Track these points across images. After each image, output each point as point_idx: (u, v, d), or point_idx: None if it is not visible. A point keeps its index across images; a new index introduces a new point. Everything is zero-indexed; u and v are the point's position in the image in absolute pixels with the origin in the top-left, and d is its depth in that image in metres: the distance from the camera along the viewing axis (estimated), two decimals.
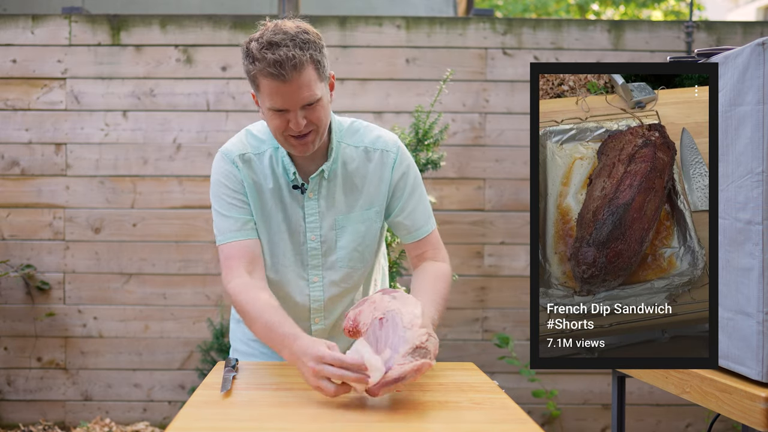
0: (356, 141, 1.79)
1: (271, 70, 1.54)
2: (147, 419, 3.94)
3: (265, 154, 1.76)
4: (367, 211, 1.77)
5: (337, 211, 1.76)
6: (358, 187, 1.77)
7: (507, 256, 3.98)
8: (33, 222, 3.94)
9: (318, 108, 1.62)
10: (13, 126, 3.95)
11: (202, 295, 3.95)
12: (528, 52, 4.01)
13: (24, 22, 3.97)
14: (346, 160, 1.77)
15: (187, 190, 3.96)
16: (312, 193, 1.74)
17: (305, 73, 1.57)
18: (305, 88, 1.58)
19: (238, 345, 1.93)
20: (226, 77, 3.98)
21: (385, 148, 1.78)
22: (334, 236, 1.76)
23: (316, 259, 1.77)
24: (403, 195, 1.80)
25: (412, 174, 1.82)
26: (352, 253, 1.78)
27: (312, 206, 1.75)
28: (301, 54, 1.55)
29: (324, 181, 1.75)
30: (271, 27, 1.60)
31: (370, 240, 1.80)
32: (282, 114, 1.61)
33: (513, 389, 3.85)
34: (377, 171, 1.77)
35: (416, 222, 1.82)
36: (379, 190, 1.78)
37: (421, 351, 1.35)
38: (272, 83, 1.56)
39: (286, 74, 1.54)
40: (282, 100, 1.58)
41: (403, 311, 1.43)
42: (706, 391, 1.61)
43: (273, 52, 1.54)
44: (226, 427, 1.25)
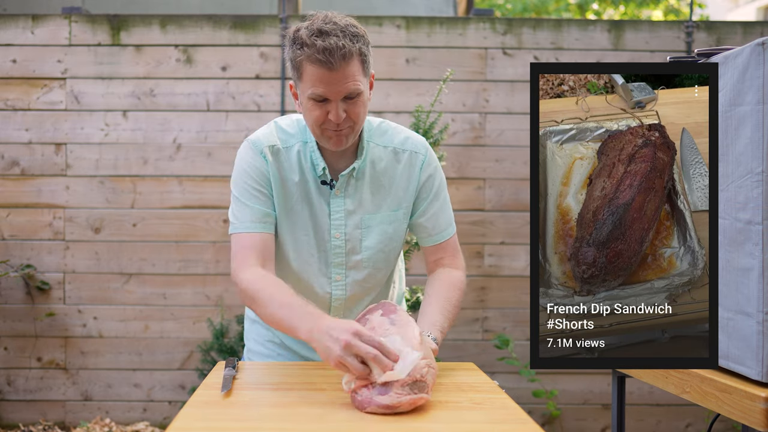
0: (385, 141, 1.78)
1: (319, 56, 1.54)
2: (147, 419, 3.94)
3: (293, 148, 1.74)
4: (395, 212, 1.77)
5: (364, 211, 1.75)
6: (385, 188, 1.76)
7: (507, 256, 3.98)
8: (33, 222, 3.94)
9: (358, 103, 1.62)
10: (13, 126, 3.96)
11: (202, 295, 3.95)
12: (528, 52, 4.01)
13: (24, 22, 3.98)
14: (374, 159, 1.76)
15: (187, 190, 3.96)
16: (339, 191, 1.73)
17: (352, 64, 1.57)
18: (350, 79, 1.58)
19: (253, 345, 1.91)
20: (226, 77, 3.98)
21: (414, 150, 1.79)
22: (360, 235, 1.75)
23: (339, 257, 1.76)
24: (428, 197, 1.80)
25: (439, 177, 1.82)
26: (377, 254, 1.77)
27: (338, 204, 1.74)
28: (351, 45, 1.56)
29: (352, 180, 1.74)
30: (321, 17, 1.60)
31: (396, 242, 1.80)
32: (322, 105, 1.60)
33: (513, 389, 3.85)
34: (405, 172, 1.77)
35: (438, 225, 1.82)
36: (407, 191, 1.78)
37: (420, 384, 1.34)
38: (319, 70, 1.56)
39: (334, 62, 1.54)
40: (326, 88, 1.57)
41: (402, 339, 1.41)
42: (706, 391, 1.61)
43: (323, 39, 1.54)
44: (226, 427, 1.25)
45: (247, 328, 1.94)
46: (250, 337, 1.93)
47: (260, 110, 3.98)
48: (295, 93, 1.69)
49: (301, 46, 1.57)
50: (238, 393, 1.45)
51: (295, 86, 1.67)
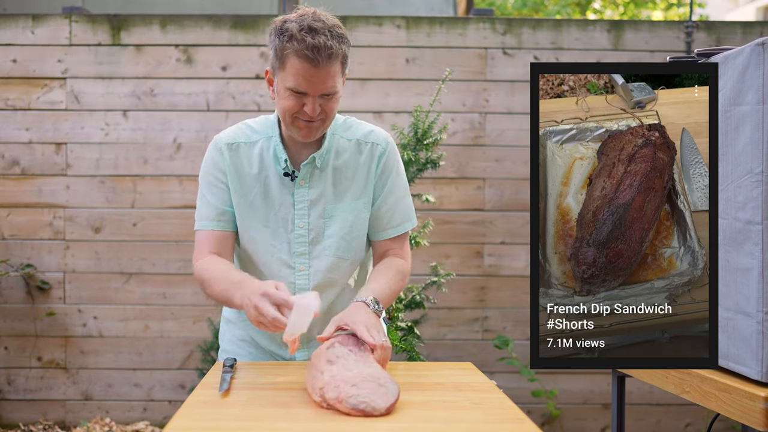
0: (349, 135, 1.84)
1: (307, 53, 1.59)
2: (147, 419, 3.94)
3: (257, 143, 1.80)
4: (356, 201, 1.81)
5: (327, 201, 1.80)
6: (348, 178, 1.81)
7: (507, 256, 3.98)
8: (33, 222, 3.94)
9: (333, 100, 1.70)
10: (13, 126, 3.96)
11: (202, 294, 3.92)
12: (528, 52, 4.01)
13: (24, 22, 3.97)
14: (338, 150, 1.82)
15: (187, 189, 3.96)
16: (303, 181, 1.78)
17: (335, 64, 1.64)
18: (330, 78, 1.65)
19: (226, 345, 1.94)
20: (226, 77, 3.98)
21: (375, 141, 1.84)
22: (323, 225, 1.79)
23: (302, 246, 1.79)
24: (384, 188, 1.84)
25: (396, 170, 1.86)
26: (339, 242, 1.80)
27: (302, 194, 1.78)
28: (337, 47, 1.63)
29: (316, 170, 1.79)
30: (310, 13, 1.65)
31: (357, 231, 1.82)
32: (299, 97, 1.66)
33: (513, 389, 3.84)
34: (366, 163, 1.82)
35: (393, 219, 1.85)
36: (367, 181, 1.82)
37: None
38: (303, 65, 1.61)
39: (320, 60, 1.60)
40: (307, 83, 1.63)
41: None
42: (705, 391, 1.61)
43: (312, 36, 1.59)
44: (224, 426, 1.25)
45: (222, 329, 1.98)
46: (224, 338, 1.97)
47: (260, 110, 3.98)
48: (270, 80, 1.74)
49: (289, 39, 1.61)
50: (236, 393, 1.45)
51: (272, 74, 1.72)
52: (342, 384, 1.33)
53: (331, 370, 1.38)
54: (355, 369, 1.40)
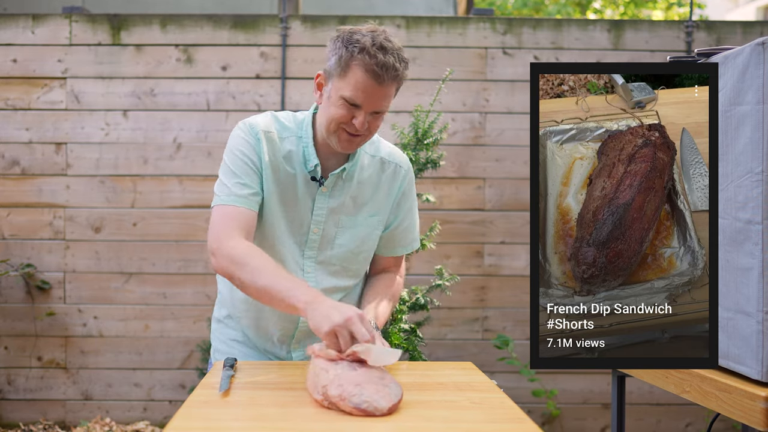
0: (373, 151, 1.86)
1: (376, 69, 1.61)
2: (147, 419, 3.94)
3: (287, 140, 1.79)
4: (372, 217, 1.84)
5: (344, 212, 1.81)
6: (368, 194, 1.83)
7: (507, 256, 3.98)
8: (33, 221, 3.94)
9: (380, 118, 1.72)
10: (13, 126, 3.96)
11: (202, 294, 3.95)
12: (528, 51, 4.01)
13: (24, 22, 3.97)
14: (363, 165, 1.83)
15: (187, 189, 3.96)
16: (326, 189, 1.79)
17: (393, 86, 1.67)
18: (386, 98, 1.68)
19: (219, 345, 1.94)
20: (226, 77, 3.98)
21: (399, 164, 1.88)
22: (335, 233, 1.81)
23: (313, 250, 1.81)
24: (401, 211, 1.89)
25: (413, 194, 1.93)
26: (347, 254, 1.82)
27: (322, 201, 1.79)
28: (402, 70, 1.66)
29: (340, 180, 1.80)
30: (381, 32, 1.67)
31: (367, 245, 1.85)
32: (352, 109, 1.67)
33: (513, 389, 3.85)
34: (387, 182, 1.86)
35: (405, 239, 1.92)
36: (387, 200, 1.85)
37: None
38: (367, 80, 1.63)
39: (384, 79, 1.63)
40: (365, 98, 1.64)
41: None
42: (705, 391, 1.61)
43: (383, 54, 1.62)
44: (224, 426, 1.25)
45: (214, 328, 1.97)
46: (215, 337, 1.96)
47: (260, 110, 3.97)
48: (320, 84, 1.73)
49: (360, 51, 1.62)
50: (236, 393, 1.45)
51: (326, 79, 1.71)
52: (346, 383, 1.33)
53: (335, 369, 1.39)
54: (359, 368, 1.40)
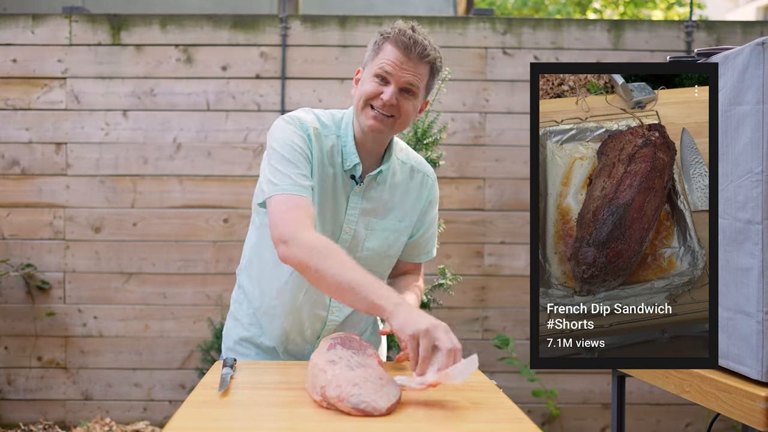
0: (404, 157, 1.89)
1: (404, 39, 1.67)
2: (147, 419, 3.94)
3: (329, 138, 1.80)
4: (400, 222, 1.85)
5: (375, 214, 1.82)
6: (397, 198, 1.85)
7: (507, 256, 3.98)
8: (33, 221, 3.94)
9: (409, 102, 1.71)
10: (13, 126, 3.96)
11: (202, 294, 3.95)
12: (528, 51, 4.01)
13: (24, 22, 3.97)
14: (395, 170, 1.86)
15: (187, 189, 3.96)
16: (360, 189, 1.80)
17: (424, 66, 1.70)
18: (416, 74, 1.69)
19: (229, 343, 1.94)
20: (226, 77, 3.98)
21: (426, 173, 1.91)
22: (365, 236, 1.82)
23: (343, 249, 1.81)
24: (427, 219, 1.92)
25: (437, 204, 1.96)
26: (375, 257, 1.83)
27: (356, 201, 1.80)
28: (431, 51, 1.70)
29: (374, 182, 1.81)
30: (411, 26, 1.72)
31: (393, 251, 1.87)
32: (381, 84, 1.69)
33: (513, 389, 3.84)
34: (415, 190, 1.88)
35: (428, 246, 1.96)
36: (414, 207, 1.88)
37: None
38: (396, 52, 1.68)
39: (411, 52, 1.67)
40: (394, 68, 1.68)
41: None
42: (705, 391, 1.61)
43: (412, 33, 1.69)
44: (223, 426, 1.25)
45: (228, 327, 1.96)
46: (228, 335, 1.95)
47: (260, 110, 3.98)
48: (357, 79, 1.78)
49: (390, 32, 1.70)
50: (236, 392, 1.45)
51: (363, 70, 1.76)
52: (344, 383, 1.33)
53: (333, 370, 1.39)
54: (357, 369, 1.40)
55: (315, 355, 1.51)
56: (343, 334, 1.64)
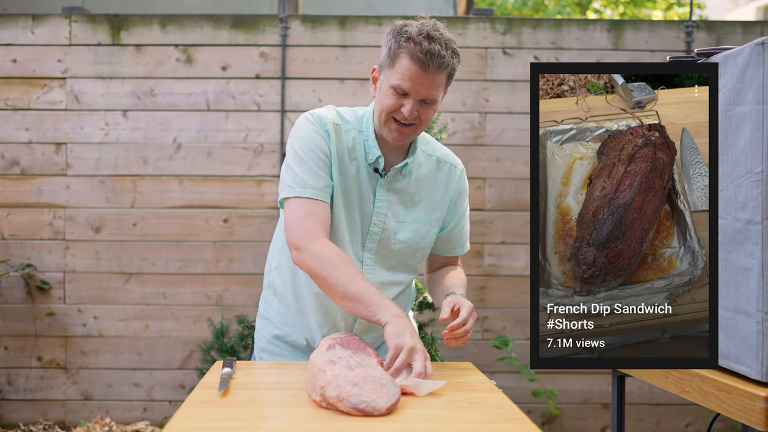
0: (429, 150, 1.90)
1: (420, 55, 1.64)
2: (147, 419, 3.94)
3: (350, 132, 1.83)
4: (429, 214, 1.87)
5: (403, 206, 1.85)
6: (424, 190, 1.87)
7: (507, 256, 3.98)
8: (33, 221, 3.94)
9: (430, 109, 1.73)
10: (13, 126, 3.96)
11: (202, 294, 3.95)
12: (528, 51, 4.01)
13: (24, 22, 3.97)
14: (420, 162, 1.87)
15: (187, 189, 3.96)
16: (385, 182, 1.82)
17: (442, 74, 1.68)
18: (434, 86, 1.69)
19: (264, 344, 1.96)
20: (226, 77, 3.98)
21: (454, 164, 1.93)
22: (396, 228, 1.84)
23: (373, 243, 1.84)
24: (457, 211, 1.93)
25: (467, 195, 1.97)
26: (406, 248, 1.86)
27: (382, 194, 1.82)
28: (449, 58, 1.68)
29: (400, 175, 1.83)
30: (431, 23, 1.71)
31: (426, 242, 1.89)
32: (400, 97, 1.70)
33: (513, 389, 3.84)
34: (443, 181, 1.89)
35: (461, 239, 1.98)
36: (443, 198, 1.89)
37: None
38: (413, 67, 1.66)
39: (430, 66, 1.65)
40: (411, 85, 1.67)
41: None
42: (705, 391, 1.61)
43: (429, 42, 1.65)
44: (223, 426, 1.25)
45: (259, 326, 1.99)
46: (259, 335, 1.98)
47: (260, 110, 3.98)
48: (375, 78, 1.78)
49: (406, 40, 1.67)
50: (236, 392, 1.45)
51: (379, 71, 1.76)
52: (343, 383, 1.33)
53: (333, 370, 1.39)
54: (357, 369, 1.40)
55: (314, 355, 1.51)
56: (342, 334, 1.64)
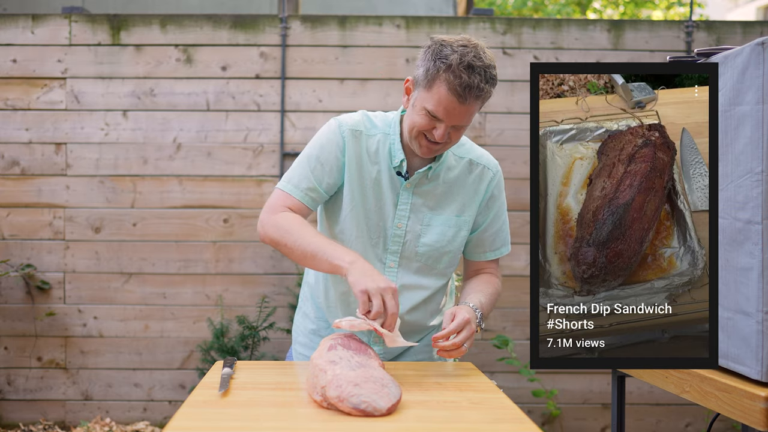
0: (462, 152, 1.89)
1: (458, 88, 1.64)
2: (147, 419, 3.94)
3: (375, 137, 1.84)
4: (458, 217, 1.86)
5: (428, 209, 1.84)
6: (453, 194, 1.86)
7: (507, 256, 3.97)
8: (33, 222, 3.94)
9: (461, 131, 1.75)
10: (13, 126, 3.96)
11: (202, 294, 3.95)
12: (528, 51, 4.01)
13: (24, 22, 3.97)
14: (449, 166, 1.87)
15: (187, 189, 3.96)
16: (409, 185, 1.82)
17: (476, 104, 1.68)
18: (468, 115, 1.70)
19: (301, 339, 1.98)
20: (225, 77, 3.98)
21: (487, 166, 1.91)
22: (420, 231, 1.84)
23: (396, 245, 1.84)
24: (491, 214, 1.91)
25: (502, 198, 1.95)
26: (431, 251, 1.85)
27: (406, 197, 1.83)
28: (487, 89, 1.67)
29: (425, 179, 1.84)
30: (473, 47, 1.67)
31: (454, 246, 1.87)
32: (433, 120, 1.70)
33: (513, 389, 3.84)
34: (474, 183, 1.88)
35: (495, 243, 1.95)
36: (473, 200, 1.88)
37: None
38: (449, 97, 1.66)
39: (466, 98, 1.65)
40: (445, 113, 1.68)
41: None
42: (705, 391, 1.61)
43: (469, 75, 1.64)
44: (223, 426, 1.25)
45: (298, 321, 2.02)
46: (299, 330, 2.01)
47: (260, 110, 3.98)
48: (408, 89, 1.79)
49: (447, 68, 1.65)
50: (236, 393, 1.45)
51: (414, 85, 1.76)
52: (344, 383, 1.33)
53: (334, 370, 1.39)
54: (357, 369, 1.40)
55: (315, 355, 1.51)
56: (343, 335, 1.64)
